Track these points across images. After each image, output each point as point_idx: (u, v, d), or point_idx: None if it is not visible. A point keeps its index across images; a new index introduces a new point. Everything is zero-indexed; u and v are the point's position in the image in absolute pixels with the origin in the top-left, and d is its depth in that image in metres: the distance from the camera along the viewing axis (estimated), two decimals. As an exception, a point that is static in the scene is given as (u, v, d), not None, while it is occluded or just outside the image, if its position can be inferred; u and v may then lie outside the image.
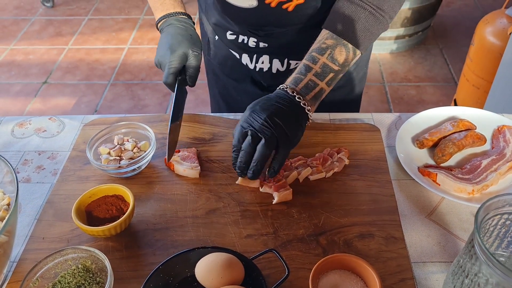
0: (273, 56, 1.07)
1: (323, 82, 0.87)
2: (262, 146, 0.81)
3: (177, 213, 0.86)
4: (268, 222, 0.83)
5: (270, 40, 1.04)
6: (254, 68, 1.11)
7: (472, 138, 0.96)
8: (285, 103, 0.84)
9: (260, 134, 0.81)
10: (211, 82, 1.30)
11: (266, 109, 0.82)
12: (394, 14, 0.89)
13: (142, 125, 0.97)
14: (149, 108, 2.72)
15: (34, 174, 0.96)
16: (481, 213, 0.59)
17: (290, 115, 0.84)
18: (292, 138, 0.84)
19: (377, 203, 0.86)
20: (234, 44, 1.09)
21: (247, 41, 1.06)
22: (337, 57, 0.87)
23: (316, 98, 0.88)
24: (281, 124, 0.81)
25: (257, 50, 1.07)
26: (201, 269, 0.71)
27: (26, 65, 3.08)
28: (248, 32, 1.04)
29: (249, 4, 0.95)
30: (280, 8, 0.95)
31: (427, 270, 0.77)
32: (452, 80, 2.83)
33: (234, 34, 1.07)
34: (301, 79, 0.87)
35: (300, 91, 0.86)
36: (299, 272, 0.75)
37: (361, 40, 0.88)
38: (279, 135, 0.81)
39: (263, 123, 0.81)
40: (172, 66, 0.97)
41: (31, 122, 1.08)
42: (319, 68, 0.87)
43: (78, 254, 0.73)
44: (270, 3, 0.94)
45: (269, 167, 0.85)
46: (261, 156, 0.81)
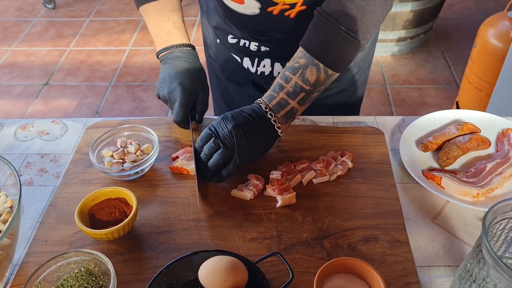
0: (274, 59, 1.07)
1: (294, 101, 0.89)
2: (218, 154, 0.85)
3: (180, 216, 0.85)
4: (271, 226, 0.83)
5: (272, 45, 1.04)
6: (256, 72, 1.10)
7: (476, 141, 0.95)
8: (257, 118, 0.86)
9: (220, 142, 0.84)
10: (213, 85, 1.30)
11: (235, 120, 0.85)
12: (368, 36, 0.88)
13: (145, 128, 0.97)
14: (150, 110, 2.72)
15: (37, 177, 0.95)
16: (488, 217, 0.58)
17: (257, 131, 0.86)
18: (250, 153, 0.86)
19: (381, 206, 0.86)
20: (235, 48, 1.09)
21: (249, 45, 1.05)
22: (308, 77, 0.88)
23: (287, 116, 0.89)
24: (243, 138, 0.84)
25: (259, 54, 1.07)
26: (204, 273, 0.71)
27: (27, 67, 3.08)
28: (249, 37, 1.04)
29: (251, 12, 0.95)
30: (282, 15, 0.95)
31: (432, 274, 0.76)
32: (454, 82, 2.83)
33: (236, 38, 1.06)
34: (274, 97, 0.89)
35: (272, 108, 0.88)
36: (303, 276, 0.74)
37: (333, 61, 0.88)
38: (237, 148, 0.84)
39: (227, 133, 0.84)
40: (185, 103, 0.94)
41: (34, 125, 1.08)
42: (290, 88, 0.88)
43: (81, 257, 0.73)
44: (272, 11, 0.94)
45: (218, 172, 0.87)
46: (215, 163, 0.86)
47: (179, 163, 0.93)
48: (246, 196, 0.87)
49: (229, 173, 0.86)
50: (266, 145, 0.89)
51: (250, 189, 0.87)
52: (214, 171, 0.87)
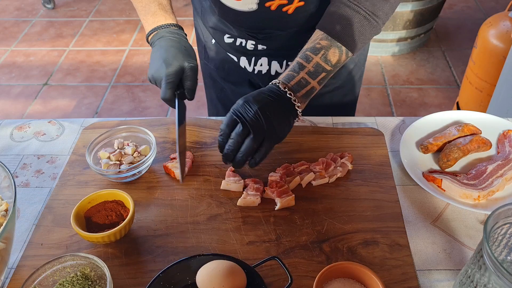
0: (272, 58, 1.06)
1: (314, 81, 0.88)
2: (250, 140, 0.81)
3: (177, 219, 0.84)
4: (270, 229, 0.82)
5: (269, 42, 1.03)
6: (253, 71, 1.10)
7: (477, 143, 0.94)
8: (277, 98, 0.84)
9: (250, 126, 0.81)
10: (208, 86, 1.29)
11: (258, 101, 0.82)
12: (387, 19, 0.90)
13: (143, 129, 0.96)
14: (150, 110, 2.71)
15: (33, 179, 0.94)
16: (490, 222, 0.57)
17: (280, 110, 0.84)
18: (279, 133, 0.84)
19: (381, 209, 0.85)
20: (232, 47, 1.08)
21: (245, 44, 1.05)
22: (330, 58, 0.87)
23: (307, 95, 0.88)
24: (271, 118, 0.81)
25: (256, 53, 1.06)
26: (202, 277, 0.70)
27: (26, 67, 3.07)
28: (246, 35, 1.03)
29: (248, 8, 0.94)
30: (280, 11, 0.94)
31: (433, 278, 0.75)
32: (454, 83, 2.81)
33: (232, 37, 1.06)
34: (294, 76, 0.87)
35: (292, 88, 0.86)
36: (302, 280, 0.74)
37: (354, 43, 0.88)
38: (267, 129, 0.81)
39: (254, 115, 0.81)
40: (170, 81, 0.91)
41: (30, 126, 1.07)
42: (312, 67, 0.87)
43: (77, 261, 0.72)
44: (270, 6, 0.93)
45: (251, 157, 0.84)
46: (248, 149, 0.82)
47: (170, 165, 0.92)
48: (254, 203, 0.86)
49: (262, 157, 0.83)
50: (290, 124, 0.87)
51: (255, 194, 0.86)
52: (247, 157, 0.83)
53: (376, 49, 3.02)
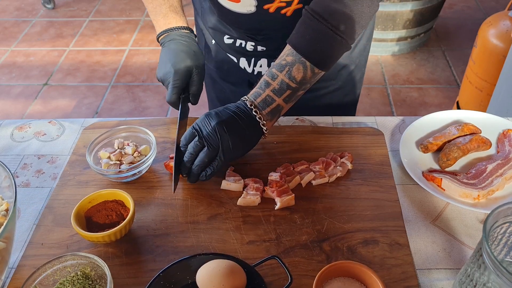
0: (271, 59, 1.06)
1: (280, 99, 0.88)
2: (203, 153, 0.85)
3: (178, 218, 0.84)
4: (270, 228, 0.82)
5: (268, 44, 1.03)
6: (252, 72, 1.10)
7: (477, 142, 0.94)
8: (241, 115, 0.86)
9: (204, 140, 0.84)
10: (208, 86, 1.29)
11: (219, 117, 0.85)
12: (355, 36, 0.88)
13: (143, 129, 0.96)
14: (150, 110, 2.71)
15: (34, 179, 0.95)
16: (489, 221, 0.57)
17: (240, 128, 0.85)
18: (234, 151, 0.85)
19: (381, 208, 0.85)
20: (232, 48, 1.08)
21: (245, 45, 1.05)
22: (294, 75, 0.87)
23: (272, 113, 0.89)
24: (228, 134, 0.83)
25: (255, 54, 1.06)
26: (202, 277, 0.70)
27: (26, 67, 3.07)
28: (246, 37, 1.03)
29: (247, 10, 0.95)
30: (279, 13, 0.94)
31: (432, 277, 0.75)
32: (454, 82, 2.82)
33: (232, 38, 1.06)
34: (260, 94, 0.88)
35: (258, 105, 0.88)
36: (302, 279, 0.74)
37: (320, 59, 0.87)
38: (221, 145, 0.83)
39: (211, 131, 0.83)
40: (176, 85, 0.94)
41: (31, 126, 1.07)
42: (277, 85, 0.88)
43: (77, 260, 0.72)
44: (269, 8, 0.93)
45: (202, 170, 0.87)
46: (200, 162, 0.85)
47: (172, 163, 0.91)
48: (254, 202, 0.86)
49: (214, 171, 0.86)
50: (251, 142, 0.89)
51: (255, 194, 0.86)
52: (200, 170, 0.86)
53: (376, 48, 3.02)
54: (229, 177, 0.90)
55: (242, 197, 0.86)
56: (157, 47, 3.18)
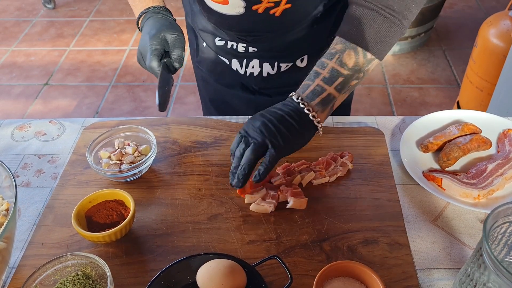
0: (263, 60, 1.06)
1: (331, 87, 0.84)
2: (249, 150, 0.79)
3: (178, 218, 0.85)
4: (270, 228, 0.82)
5: (259, 45, 1.03)
6: (245, 73, 1.09)
7: (477, 142, 0.94)
8: (288, 110, 0.82)
9: (250, 140, 0.80)
10: (200, 88, 1.28)
11: (264, 116, 0.81)
12: (409, 14, 0.84)
13: (143, 128, 0.96)
14: (150, 110, 2.71)
15: (34, 178, 0.95)
16: (489, 221, 0.57)
17: (289, 123, 0.81)
18: (286, 145, 0.80)
19: (381, 208, 0.85)
20: (223, 50, 1.08)
21: (236, 47, 1.05)
22: (345, 61, 0.84)
23: (323, 103, 0.84)
24: (275, 130, 0.79)
25: (247, 55, 1.06)
26: (202, 276, 0.70)
27: (27, 67, 3.07)
28: (236, 38, 1.03)
29: (236, 12, 0.94)
30: (268, 14, 0.94)
31: (433, 277, 0.75)
32: (455, 82, 2.81)
33: (223, 40, 1.05)
34: (309, 85, 0.85)
35: (305, 97, 0.84)
36: (302, 279, 0.74)
37: (370, 42, 0.84)
38: (270, 141, 0.79)
39: (256, 129, 0.80)
40: (154, 48, 0.91)
41: (31, 125, 1.07)
42: (327, 73, 0.84)
43: (77, 260, 0.72)
44: (257, 9, 0.93)
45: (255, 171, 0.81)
46: (247, 161, 0.79)
47: None
48: (267, 210, 0.84)
49: (267, 167, 0.79)
50: (302, 136, 0.83)
51: (270, 201, 0.85)
52: (248, 171, 0.79)
53: (377, 48, 3.01)
54: (253, 196, 0.86)
55: (255, 204, 0.85)
56: (158, 47, 3.18)
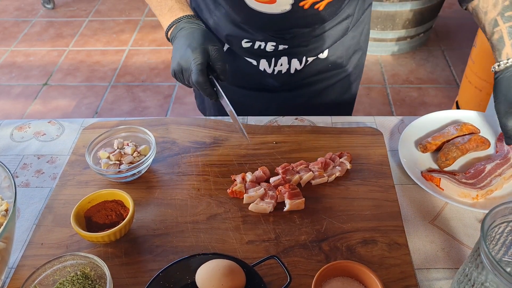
0: (291, 56, 1.08)
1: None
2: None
3: (177, 218, 0.85)
4: (269, 228, 0.82)
5: (293, 42, 1.04)
6: (273, 72, 1.10)
7: (476, 142, 0.94)
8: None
9: None
10: None
11: None
12: None
13: (142, 129, 0.96)
14: (150, 110, 2.71)
15: (33, 179, 0.95)
16: (487, 221, 0.57)
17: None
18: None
19: (380, 208, 0.85)
20: (250, 52, 1.07)
21: (265, 46, 1.05)
22: None
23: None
24: None
25: (275, 54, 1.07)
26: (201, 276, 0.70)
27: (26, 67, 3.07)
28: (268, 37, 1.03)
29: (281, 10, 0.95)
30: (312, 9, 0.95)
31: (431, 277, 0.75)
32: (454, 82, 2.82)
33: (250, 42, 1.05)
34: None
35: None
36: (301, 279, 0.74)
37: None
38: None
39: None
40: (199, 63, 0.86)
41: (31, 126, 1.07)
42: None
43: (77, 260, 0.72)
44: (304, 5, 0.93)
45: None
46: None
47: (237, 186, 0.87)
48: (266, 210, 0.85)
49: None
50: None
51: (269, 202, 0.85)
52: None
53: (376, 48, 3.02)
54: (250, 189, 0.88)
55: (254, 203, 0.85)
56: (157, 47, 3.19)
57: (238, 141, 0.99)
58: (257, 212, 0.85)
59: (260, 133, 1.01)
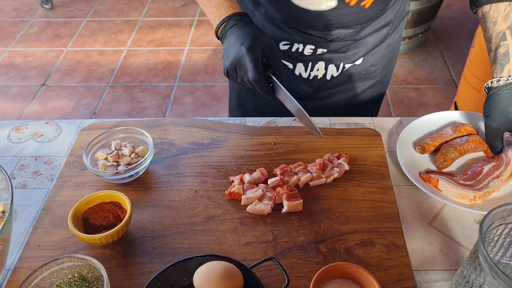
0: (328, 62, 1.07)
1: None
2: None
3: (175, 220, 0.84)
4: (267, 229, 0.82)
5: (332, 45, 1.03)
6: (308, 77, 1.09)
7: (474, 143, 0.94)
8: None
9: None
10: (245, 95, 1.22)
11: None
12: None
13: (140, 130, 0.96)
14: (148, 110, 2.71)
15: (31, 180, 0.94)
16: (485, 223, 0.57)
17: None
18: None
19: (378, 209, 0.85)
20: (287, 54, 1.07)
21: (303, 49, 1.05)
22: None
23: None
24: None
25: (313, 58, 1.06)
26: (199, 278, 0.70)
27: (24, 67, 3.07)
28: (308, 39, 1.02)
29: (326, 6, 0.94)
30: (359, 6, 0.94)
31: (429, 279, 0.75)
32: (452, 82, 2.82)
33: (288, 44, 1.05)
34: None
35: None
36: (299, 281, 0.74)
37: None
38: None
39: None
40: (255, 60, 0.85)
41: (28, 127, 1.07)
42: None
43: (74, 262, 0.72)
44: (350, 1, 0.93)
45: None
46: None
47: (235, 188, 0.87)
48: (264, 212, 0.84)
49: None
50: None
51: (267, 203, 0.85)
52: None
53: (374, 49, 3.02)
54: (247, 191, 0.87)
55: (252, 205, 0.85)
56: (155, 48, 3.18)
57: (236, 142, 0.99)
58: (255, 213, 0.85)
59: (258, 134, 1.01)
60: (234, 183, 0.88)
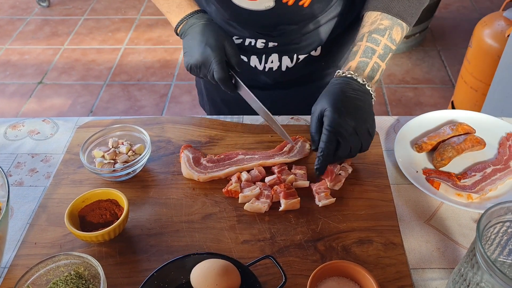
0: (282, 53, 1.07)
1: (383, 63, 0.90)
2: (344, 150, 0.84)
3: (172, 218, 0.84)
4: (265, 228, 0.82)
5: (281, 39, 1.04)
6: (264, 69, 1.10)
7: (471, 142, 0.95)
8: (361, 97, 0.86)
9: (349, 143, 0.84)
10: (209, 89, 1.26)
11: (352, 114, 0.83)
12: None
13: (137, 127, 0.95)
14: (145, 109, 2.70)
15: (27, 177, 0.94)
16: (483, 221, 0.57)
17: (368, 111, 0.86)
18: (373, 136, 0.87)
19: (376, 208, 0.85)
20: (241, 48, 1.07)
21: (255, 43, 1.05)
22: (395, 37, 0.90)
23: (377, 80, 0.90)
24: (368, 129, 0.85)
25: (266, 51, 1.07)
26: (196, 276, 0.70)
27: (21, 65, 3.06)
28: (258, 34, 1.03)
29: (265, 6, 0.94)
30: (297, 6, 0.95)
31: (426, 277, 0.75)
32: (449, 82, 2.82)
33: (240, 38, 1.05)
34: (367, 63, 0.88)
35: (367, 76, 0.88)
36: (296, 279, 0.74)
37: (412, 18, 0.91)
38: (363, 141, 0.85)
39: (352, 133, 0.83)
40: (221, 61, 0.91)
41: (25, 124, 1.07)
42: (381, 50, 0.89)
43: (70, 260, 0.72)
44: (287, 1, 0.93)
45: None
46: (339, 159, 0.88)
47: (233, 186, 0.87)
48: (261, 210, 0.84)
49: None
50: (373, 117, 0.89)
51: (265, 201, 0.85)
52: None
53: (372, 48, 3.02)
54: (245, 189, 0.87)
55: (250, 203, 0.85)
56: (153, 46, 3.18)
57: (234, 140, 0.99)
58: (252, 211, 0.84)
59: (255, 132, 1.01)
60: (231, 181, 0.88)
